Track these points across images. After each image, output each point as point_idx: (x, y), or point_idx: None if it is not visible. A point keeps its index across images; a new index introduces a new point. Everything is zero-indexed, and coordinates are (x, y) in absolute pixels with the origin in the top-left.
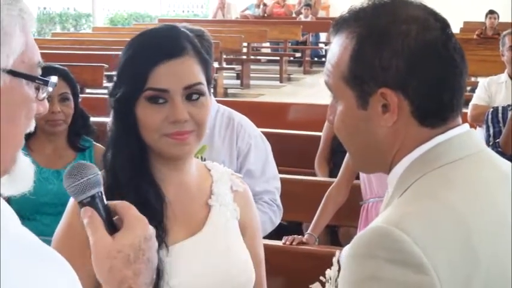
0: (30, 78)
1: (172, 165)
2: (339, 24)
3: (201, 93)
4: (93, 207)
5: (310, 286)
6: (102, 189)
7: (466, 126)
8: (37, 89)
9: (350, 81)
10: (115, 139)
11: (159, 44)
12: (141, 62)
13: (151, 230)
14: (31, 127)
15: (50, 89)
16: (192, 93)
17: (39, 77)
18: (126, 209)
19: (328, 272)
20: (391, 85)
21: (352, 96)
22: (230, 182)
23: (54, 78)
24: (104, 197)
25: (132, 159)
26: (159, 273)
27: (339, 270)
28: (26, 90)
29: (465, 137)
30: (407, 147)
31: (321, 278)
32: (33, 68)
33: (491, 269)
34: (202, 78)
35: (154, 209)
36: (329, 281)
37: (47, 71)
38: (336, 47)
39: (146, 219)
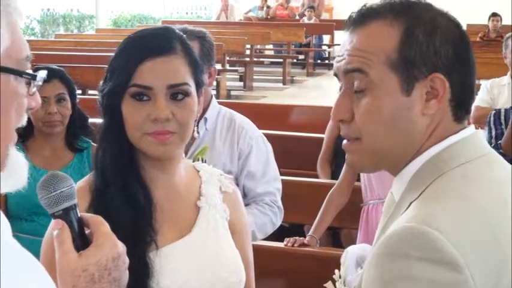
0: (16, 72)
1: (159, 166)
2: (366, 16)
3: (186, 94)
4: (66, 220)
5: (324, 285)
6: (76, 201)
7: (473, 127)
8: (28, 84)
9: (398, 66)
10: (103, 136)
11: (148, 41)
12: (128, 58)
13: (121, 249)
14: (23, 121)
15: (40, 83)
16: (176, 93)
17: (27, 71)
18: (98, 225)
19: (337, 271)
20: (442, 70)
21: (396, 81)
22: (219, 183)
23: (42, 73)
24: (77, 210)
25: (120, 156)
26: (149, 274)
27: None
28: (14, 85)
29: (476, 137)
30: (435, 139)
31: (333, 276)
32: (21, 63)
33: None
34: (189, 79)
35: (143, 209)
36: (339, 279)
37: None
38: (371, 35)
39: (116, 237)
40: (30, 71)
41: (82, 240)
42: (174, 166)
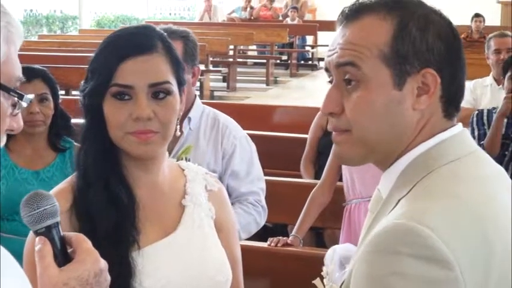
0: (5, 88)
1: (142, 165)
2: (359, 10)
3: (167, 92)
4: (48, 237)
5: (313, 282)
6: (59, 219)
7: (461, 125)
8: (13, 105)
9: (390, 60)
10: (85, 136)
11: (129, 40)
12: (108, 57)
13: (103, 265)
14: (1, 142)
15: (25, 104)
16: (158, 92)
17: (16, 90)
18: (79, 242)
19: (325, 268)
20: (434, 66)
21: (388, 75)
22: (204, 181)
23: (30, 96)
24: (60, 228)
25: (102, 156)
26: (131, 274)
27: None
28: (2, 101)
29: (464, 135)
30: (425, 135)
31: (321, 273)
32: (11, 81)
33: (504, 264)
34: (170, 78)
35: (126, 209)
36: (326, 276)
37: (26, 72)
38: (364, 28)
39: (98, 253)
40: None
41: (64, 257)
42: (157, 165)
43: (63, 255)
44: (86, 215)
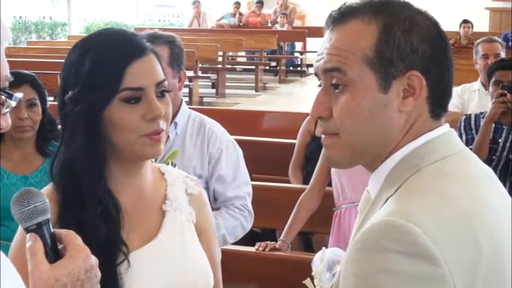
0: None
1: (130, 171)
2: (345, 14)
3: (167, 90)
4: (39, 234)
5: (303, 282)
6: (49, 216)
7: (448, 125)
8: (1, 104)
9: (375, 63)
10: (79, 149)
11: (125, 44)
12: (111, 64)
13: (94, 261)
14: None
15: (14, 103)
16: (162, 90)
17: (5, 89)
18: (70, 238)
19: (314, 268)
20: (419, 68)
21: (373, 79)
22: (185, 185)
23: (19, 94)
24: (50, 224)
25: (99, 168)
26: (118, 284)
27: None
28: None
29: (450, 135)
30: (412, 135)
31: (312, 273)
32: (0, 81)
33: (492, 261)
34: (163, 75)
35: (113, 222)
36: (317, 276)
37: (14, 77)
38: (349, 33)
39: (89, 249)
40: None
41: (55, 254)
42: (144, 168)
43: (54, 252)
44: (76, 231)
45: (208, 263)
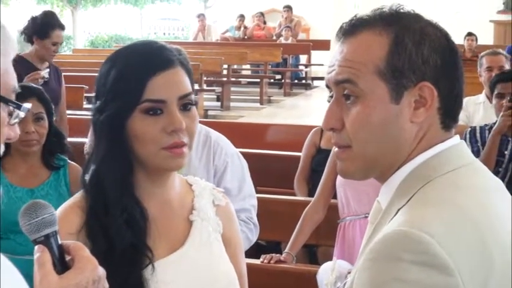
0: (4, 100)
1: (157, 181)
2: (356, 26)
3: (192, 103)
4: (47, 246)
5: None
6: (57, 228)
7: (458, 137)
8: (10, 114)
9: (387, 74)
10: (104, 157)
11: (150, 56)
12: (134, 75)
13: (101, 272)
14: (0, 150)
15: (23, 114)
16: (186, 104)
17: (13, 101)
18: (78, 250)
19: (323, 278)
20: (430, 79)
21: (385, 90)
22: (212, 196)
23: (27, 104)
24: (58, 236)
25: (123, 177)
26: None
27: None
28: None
29: (461, 146)
30: (423, 146)
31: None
32: (8, 92)
33: (503, 271)
34: (191, 88)
35: (140, 229)
36: (328, 286)
37: (22, 91)
38: (360, 45)
39: (96, 261)
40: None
41: (63, 265)
42: (171, 179)
43: (62, 263)
44: (101, 236)
45: (234, 274)
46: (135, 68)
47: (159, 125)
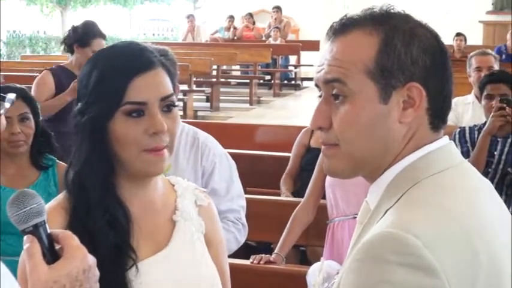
0: None
1: (140, 183)
2: (346, 25)
3: (174, 104)
4: (36, 236)
5: None
6: (45, 218)
7: (447, 138)
8: None
9: (375, 74)
10: (86, 159)
11: (131, 58)
12: (115, 77)
13: (92, 261)
14: None
15: (7, 105)
16: (167, 105)
17: None
18: (67, 239)
19: (312, 279)
20: (419, 79)
21: (373, 89)
22: (194, 196)
23: (11, 95)
24: (47, 226)
25: (105, 178)
26: None
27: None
28: None
29: (450, 147)
30: (412, 147)
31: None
32: None
33: (490, 273)
34: (172, 89)
35: (123, 230)
36: (315, 286)
37: (5, 91)
38: (350, 44)
39: (86, 249)
40: None
41: (52, 255)
42: (154, 181)
43: (52, 253)
44: (84, 237)
45: (217, 274)
46: (116, 70)
47: (141, 127)
